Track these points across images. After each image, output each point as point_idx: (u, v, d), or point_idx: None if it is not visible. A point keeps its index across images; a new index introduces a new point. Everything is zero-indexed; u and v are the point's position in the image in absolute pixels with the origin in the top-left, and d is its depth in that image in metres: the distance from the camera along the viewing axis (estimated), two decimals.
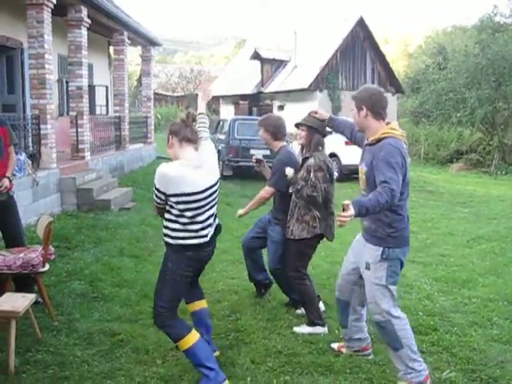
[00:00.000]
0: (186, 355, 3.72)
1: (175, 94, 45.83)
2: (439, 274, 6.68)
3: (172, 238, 3.64)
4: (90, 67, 14.75)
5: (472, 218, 10.84)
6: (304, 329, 4.76)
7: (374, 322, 3.83)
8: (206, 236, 3.69)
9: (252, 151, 14.38)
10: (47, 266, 4.86)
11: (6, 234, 5.25)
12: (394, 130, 3.66)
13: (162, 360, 4.11)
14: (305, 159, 4.76)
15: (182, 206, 3.54)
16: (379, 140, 3.63)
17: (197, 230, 3.63)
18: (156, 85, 39.26)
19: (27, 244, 5.46)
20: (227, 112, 32.58)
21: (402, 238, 3.70)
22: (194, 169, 3.58)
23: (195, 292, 4.13)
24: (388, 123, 3.74)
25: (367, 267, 3.75)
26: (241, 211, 5.33)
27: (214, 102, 40.14)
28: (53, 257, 5.15)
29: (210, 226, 3.71)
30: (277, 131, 5.18)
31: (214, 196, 3.70)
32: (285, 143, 5.25)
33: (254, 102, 31.41)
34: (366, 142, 3.83)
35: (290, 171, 4.71)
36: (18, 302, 4.07)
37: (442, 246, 8.34)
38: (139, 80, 40.03)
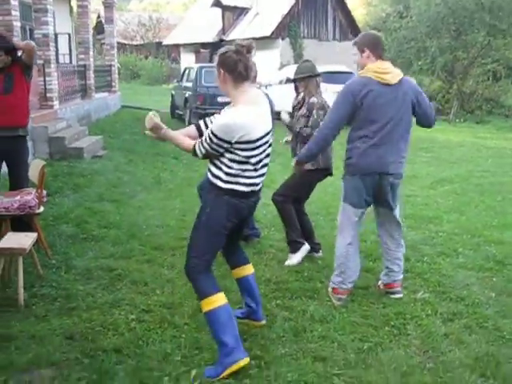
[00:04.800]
0: (206, 319, 3.37)
1: (134, 43, 44.82)
2: (407, 211, 7.10)
3: (224, 181, 3.26)
4: (53, 14, 14.46)
5: (434, 162, 11.36)
6: (293, 258, 5.06)
7: None
8: (258, 185, 3.39)
9: (219, 99, 14.49)
10: (42, 208, 5.05)
11: (12, 177, 5.40)
12: (369, 69, 4.07)
13: (161, 290, 4.41)
14: (304, 99, 5.06)
15: (247, 153, 3.22)
16: None
17: (253, 177, 3.32)
18: None
19: None
20: (188, 60, 32.24)
21: (353, 166, 4.14)
22: (256, 114, 3.25)
23: (238, 255, 3.81)
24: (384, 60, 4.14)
25: None
26: None
27: (174, 51, 39.59)
28: (45, 199, 5.33)
29: (263, 175, 3.41)
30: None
31: (269, 144, 3.37)
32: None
33: (216, 50, 31.05)
34: None
35: (285, 116, 5.00)
36: (22, 240, 4.29)
37: (407, 187, 8.76)
38: (96, 28, 39.02)
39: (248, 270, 3.79)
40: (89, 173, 8.88)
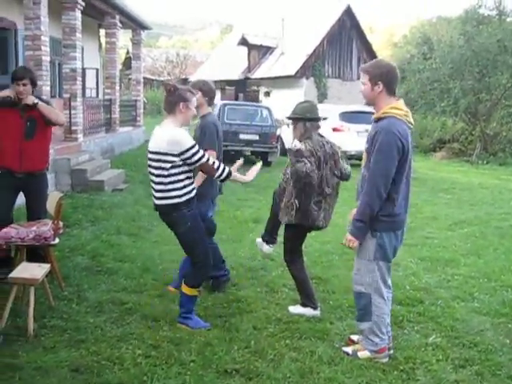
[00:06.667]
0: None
1: (161, 79, 45.64)
2: (424, 254, 7.04)
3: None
4: (81, 50, 14.87)
5: (454, 204, 11.24)
6: (298, 309, 4.84)
7: (354, 291, 4.05)
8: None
9: (241, 136, 14.66)
10: (57, 240, 5.12)
11: (31, 209, 5.51)
12: (396, 108, 3.77)
13: (170, 326, 4.40)
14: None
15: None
16: (380, 119, 3.80)
17: None
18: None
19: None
20: None
21: (392, 223, 3.85)
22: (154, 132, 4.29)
23: None
24: (398, 99, 3.86)
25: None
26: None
27: None
28: (61, 231, 5.39)
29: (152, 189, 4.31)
30: (213, 97, 5.31)
31: (150, 162, 4.22)
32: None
33: (241, 88, 31.58)
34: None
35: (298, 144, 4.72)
36: (35, 270, 4.34)
37: (425, 229, 8.71)
38: (124, 63, 39.92)
39: None
40: (108, 206, 8.97)
